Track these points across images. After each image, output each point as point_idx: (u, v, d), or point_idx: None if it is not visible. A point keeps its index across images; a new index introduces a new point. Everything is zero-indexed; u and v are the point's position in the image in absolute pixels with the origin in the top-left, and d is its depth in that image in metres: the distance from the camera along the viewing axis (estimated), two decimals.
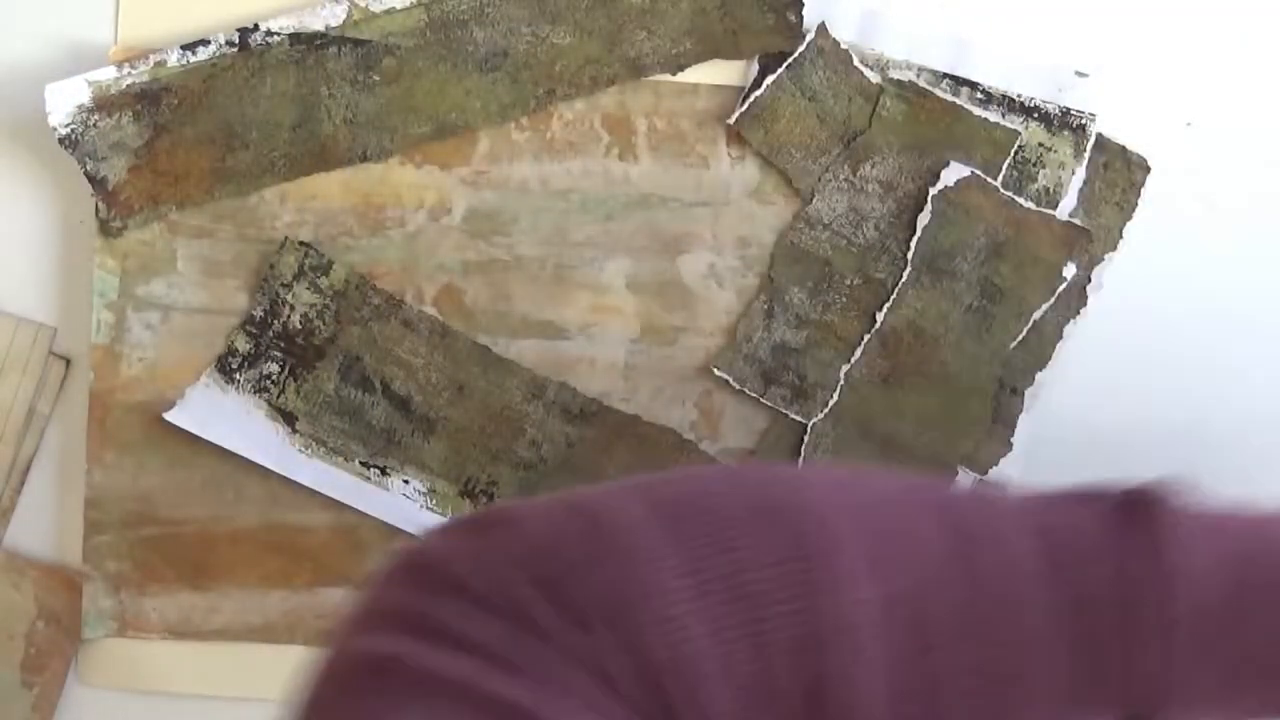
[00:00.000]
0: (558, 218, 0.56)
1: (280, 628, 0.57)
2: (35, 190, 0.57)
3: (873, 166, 0.55)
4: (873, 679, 0.35)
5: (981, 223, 0.55)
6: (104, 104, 0.55)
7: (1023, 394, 0.56)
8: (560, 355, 0.54)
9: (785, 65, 0.55)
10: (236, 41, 0.55)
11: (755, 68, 0.55)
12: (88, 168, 0.55)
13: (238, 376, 0.56)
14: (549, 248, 0.55)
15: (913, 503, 0.37)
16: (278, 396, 0.56)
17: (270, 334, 0.56)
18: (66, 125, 0.55)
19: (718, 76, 0.56)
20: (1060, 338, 0.55)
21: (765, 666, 0.34)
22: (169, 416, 0.56)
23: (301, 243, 0.56)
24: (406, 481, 0.56)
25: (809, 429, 0.56)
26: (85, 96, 0.55)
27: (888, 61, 0.55)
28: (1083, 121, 0.55)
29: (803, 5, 0.55)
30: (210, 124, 0.55)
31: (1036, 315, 0.55)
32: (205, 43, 0.55)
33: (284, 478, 0.56)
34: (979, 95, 0.55)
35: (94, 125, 0.55)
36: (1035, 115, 0.55)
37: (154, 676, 0.57)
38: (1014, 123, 0.55)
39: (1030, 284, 0.55)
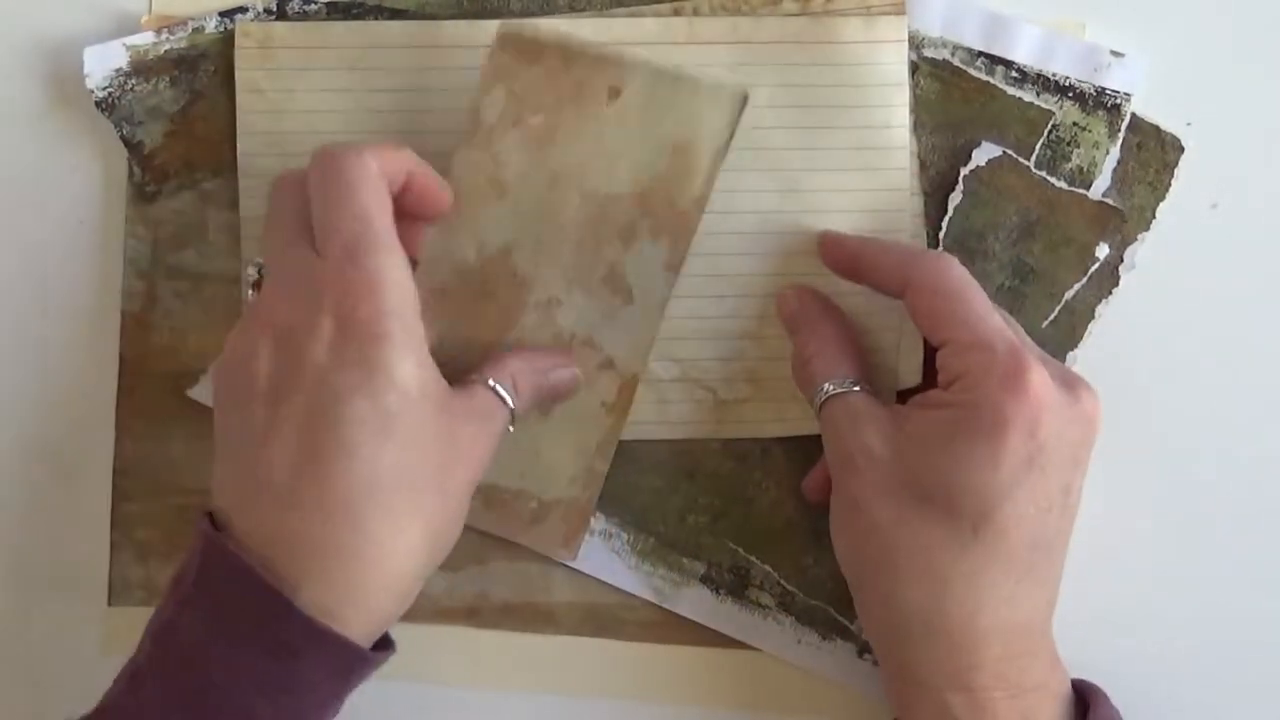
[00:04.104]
0: None
1: None
2: (73, 154, 0.57)
3: None
4: None
5: (1014, 202, 0.55)
6: (141, 69, 0.55)
7: None
8: None
9: None
10: (274, 9, 0.55)
11: None
12: (124, 132, 0.55)
13: None
14: None
15: None
16: None
17: None
18: (104, 89, 0.55)
19: None
20: (1092, 317, 0.55)
21: None
22: (192, 393, 0.56)
23: None
24: None
25: None
26: (123, 61, 0.55)
27: (922, 39, 0.55)
28: (1117, 101, 0.55)
29: None
30: None
31: (1069, 295, 0.55)
32: (243, 9, 0.55)
33: None
34: (1013, 74, 0.55)
35: (131, 89, 0.55)
36: (1070, 95, 0.55)
37: None
38: (1048, 102, 0.55)
39: (1063, 263, 0.55)
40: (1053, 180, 0.55)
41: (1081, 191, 0.55)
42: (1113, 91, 0.55)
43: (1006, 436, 0.46)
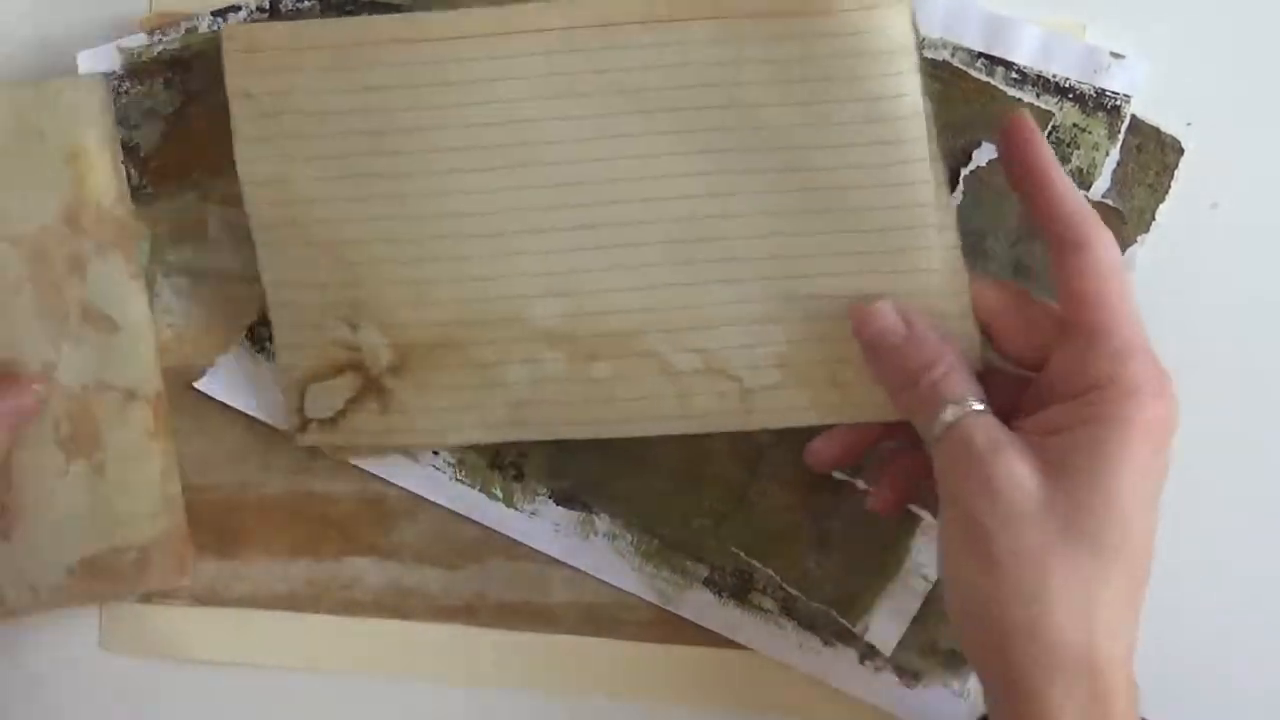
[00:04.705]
0: None
1: (305, 596, 0.57)
2: None
3: None
4: None
5: (1014, 203, 0.55)
6: (136, 71, 0.55)
7: None
8: None
9: None
10: (267, 7, 0.55)
11: None
12: (121, 135, 0.55)
13: (269, 346, 0.56)
14: None
15: None
16: None
17: None
18: None
19: None
20: None
21: None
22: (199, 385, 0.56)
23: None
24: (436, 453, 0.56)
25: None
26: (117, 64, 0.55)
27: (923, 40, 0.55)
28: (1117, 103, 0.55)
29: None
30: None
31: None
32: (236, 9, 0.55)
33: (311, 446, 0.56)
34: (1014, 75, 0.55)
35: (126, 92, 0.55)
36: (1070, 96, 0.55)
37: (178, 643, 0.58)
38: (1049, 103, 0.55)
39: None
40: None
41: (1081, 193, 0.55)
42: (1113, 93, 0.55)
43: (1151, 457, 0.46)
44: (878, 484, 0.54)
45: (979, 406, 0.48)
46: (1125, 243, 0.55)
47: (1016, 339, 0.51)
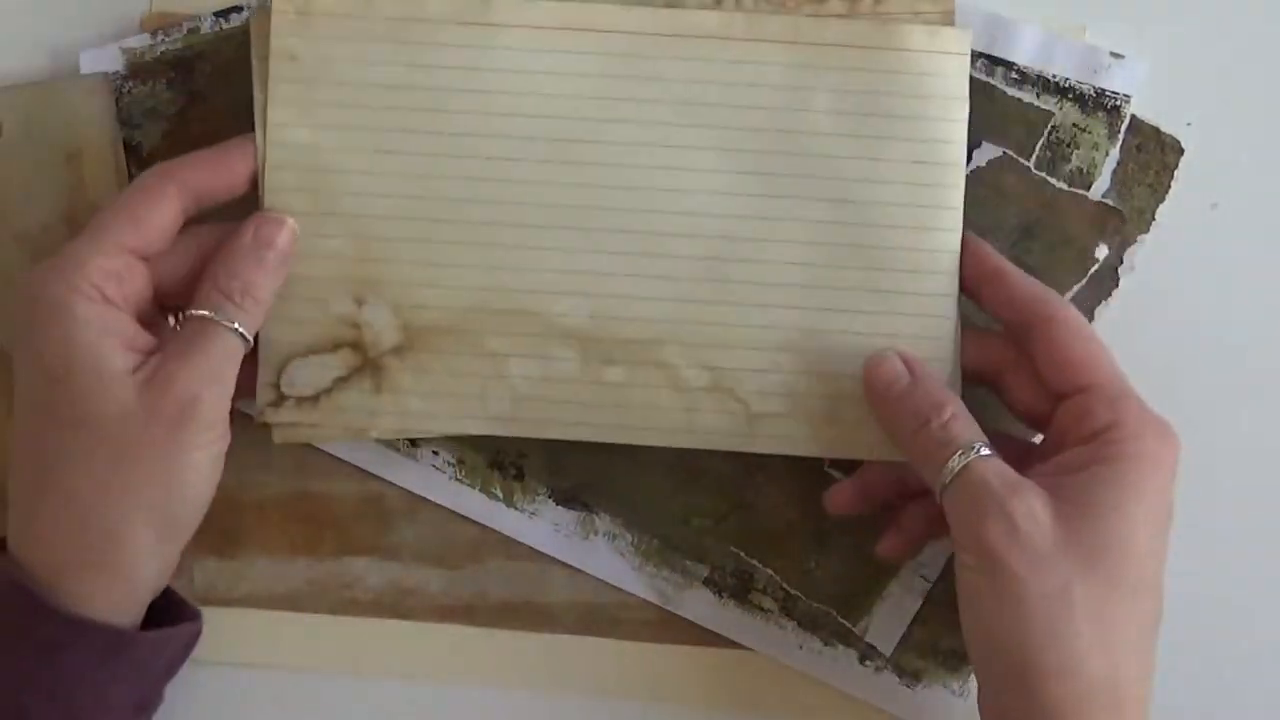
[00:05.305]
0: None
1: (305, 596, 0.57)
2: None
3: None
4: None
5: (1014, 203, 0.55)
6: (138, 71, 0.55)
7: None
8: None
9: None
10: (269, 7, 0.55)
11: None
12: (123, 135, 0.55)
13: None
14: None
15: None
16: None
17: None
18: None
19: None
20: (1091, 319, 0.55)
21: None
22: None
23: None
24: (436, 453, 0.56)
25: None
26: (120, 64, 0.55)
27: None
28: (1117, 103, 0.55)
29: None
30: (244, 91, 0.55)
31: (1068, 297, 0.55)
32: (238, 9, 0.55)
33: (311, 446, 0.56)
34: (1014, 75, 0.55)
35: (129, 92, 0.55)
36: (1070, 96, 0.55)
37: None
38: (1048, 103, 0.55)
39: (1062, 264, 0.55)
40: (1053, 181, 0.55)
41: (1081, 192, 0.55)
42: (1113, 93, 0.55)
43: (1160, 492, 0.47)
44: (884, 532, 0.54)
45: (987, 451, 0.49)
46: (1126, 242, 0.56)
47: (1025, 393, 0.52)
